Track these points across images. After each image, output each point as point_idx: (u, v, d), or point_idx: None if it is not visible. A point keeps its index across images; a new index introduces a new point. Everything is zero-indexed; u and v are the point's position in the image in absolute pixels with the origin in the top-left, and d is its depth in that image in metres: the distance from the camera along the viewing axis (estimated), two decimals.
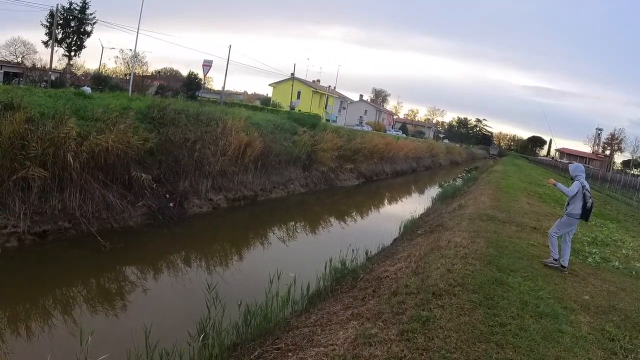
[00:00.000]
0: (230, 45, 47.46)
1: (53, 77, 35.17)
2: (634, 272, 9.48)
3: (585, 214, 8.64)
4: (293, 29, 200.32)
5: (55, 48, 43.84)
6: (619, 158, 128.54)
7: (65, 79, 36.51)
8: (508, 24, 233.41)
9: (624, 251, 11.67)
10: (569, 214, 8.77)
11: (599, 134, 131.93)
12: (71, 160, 11.23)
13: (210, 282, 7.53)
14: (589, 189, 8.71)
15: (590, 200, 8.58)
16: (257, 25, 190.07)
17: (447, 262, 8.24)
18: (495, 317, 5.89)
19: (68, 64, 48.20)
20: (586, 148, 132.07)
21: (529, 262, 8.80)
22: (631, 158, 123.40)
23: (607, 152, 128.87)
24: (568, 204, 8.85)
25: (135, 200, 13.03)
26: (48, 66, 38.79)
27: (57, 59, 46.67)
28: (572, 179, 8.84)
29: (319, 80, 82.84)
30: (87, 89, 19.94)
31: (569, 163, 8.60)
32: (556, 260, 8.84)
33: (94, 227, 11.51)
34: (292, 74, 67.30)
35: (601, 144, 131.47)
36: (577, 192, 8.61)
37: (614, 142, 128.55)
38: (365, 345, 5.13)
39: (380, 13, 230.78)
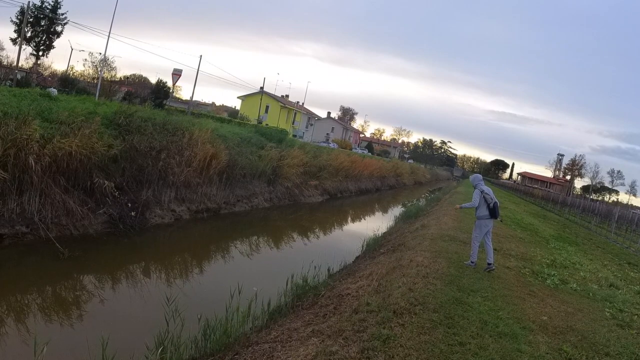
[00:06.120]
0: (201, 56, 47.23)
1: (19, 76, 34.35)
2: (591, 294, 9.72)
3: (492, 212, 9.92)
4: (264, 43, 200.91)
5: (24, 46, 42.85)
6: (579, 183, 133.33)
7: (32, 79, 35.58)
8: (475, 51, 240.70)
9: (581, 273, 11.96)
10: (478, 217, 10.08)
11: (560, 160, 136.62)
12: (33, 163, 10.90)
13: (170, 294, 7.38)
14: (488, 192, 9.99)
15: (492, 201, 9.89)
16: (229, 37, 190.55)
17: (409, 281, 8.28)
18: (455, 336, 5.94)
19: (35, 63, 47.07)
20: (547, 172, 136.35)
21: (489, 283, 8.94)
22: (590, 183, 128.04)
23: (568, 177, 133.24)
24: (476, 209, 10.09)
25: (96, 208, 12.69)
26: (15, 64, 37.81)
27: (24, 57, 45.66)
28: (474, 187, 10.17)
29: (287, 96, 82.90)
30: (54, 91, 19.46)
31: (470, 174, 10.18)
32: (473, 262, 10.12)
33: (52, 233, 11.15)
34: (262, 88, 66.53)
35: (562, 169, 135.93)
36: (479, 200, 9.96)
37: (575, 167, 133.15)
38: None
39: (352, 32, 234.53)
